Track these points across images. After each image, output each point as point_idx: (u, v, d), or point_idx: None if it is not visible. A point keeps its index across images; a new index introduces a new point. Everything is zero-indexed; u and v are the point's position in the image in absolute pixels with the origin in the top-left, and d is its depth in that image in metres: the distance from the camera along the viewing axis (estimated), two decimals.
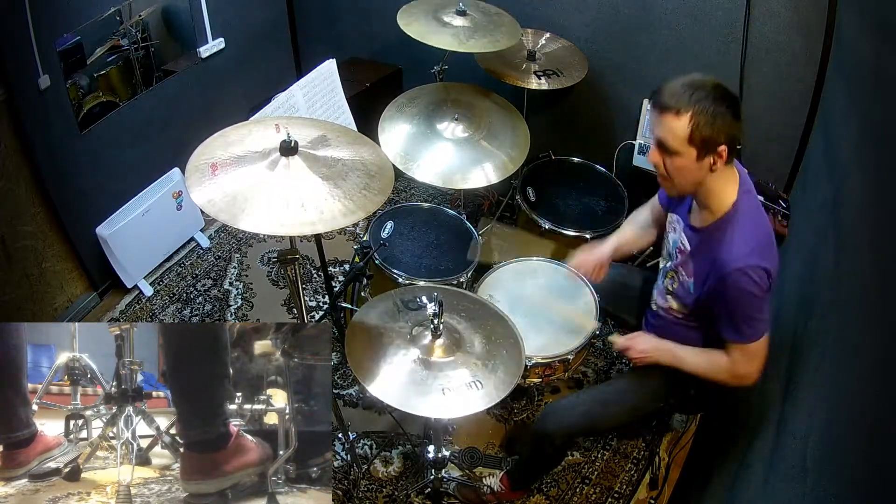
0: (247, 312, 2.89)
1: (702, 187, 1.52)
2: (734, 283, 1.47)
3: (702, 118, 1.38)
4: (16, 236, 2.42)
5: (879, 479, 1.00)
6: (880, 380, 1.11)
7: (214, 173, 1.39)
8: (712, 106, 1.38)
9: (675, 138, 1.42)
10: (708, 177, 1.49)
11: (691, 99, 1.38)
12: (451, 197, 3.33)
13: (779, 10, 2.34)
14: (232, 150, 1.47)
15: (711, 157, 1.44)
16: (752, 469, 1.64)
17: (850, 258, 1.50)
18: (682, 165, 1.45)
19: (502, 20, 2.49)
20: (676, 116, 1.40)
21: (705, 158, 1.44)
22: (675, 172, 1.49)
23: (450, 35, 2.30)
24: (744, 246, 1.48)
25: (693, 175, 1.48)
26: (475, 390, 1.46)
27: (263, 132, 1.53)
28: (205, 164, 1.41)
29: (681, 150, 1.43)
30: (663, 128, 1.43)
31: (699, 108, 1.38)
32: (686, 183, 1.51)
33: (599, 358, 2.69)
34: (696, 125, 1.38)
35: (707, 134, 1.39)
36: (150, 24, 2.67)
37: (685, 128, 1.39)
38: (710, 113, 1.38)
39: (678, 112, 1.39)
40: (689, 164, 1.45)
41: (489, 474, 2.21)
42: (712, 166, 1.45)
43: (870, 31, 1.69)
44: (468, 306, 1.71)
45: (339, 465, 2.28)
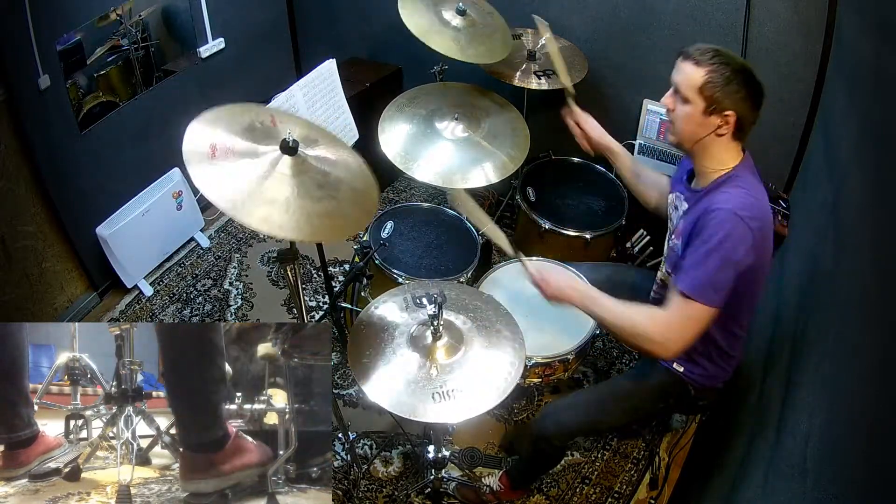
0: (247, 312, 2.89)
1: (700, 146, 1.56)
2: (716, 221, 1.46)
3: (716, 76, 1.45)
4: (16, 236, 2.42)
5: (879, 479, 1.00)
6: (880, 380, 1.11)
7: (214, 155, 1.35)
8: (729, 72, 1.45)
9: (689, 86, 1.49)
10: (711, 139, 1.53)
11: (713, 58, 1.47)
12: (451, 197, 3.33)
13: (779, 10, 2.34)
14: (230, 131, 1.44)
15: (718, 118, 1.49)
16: (752, 469, 1.63)
17: (850, 258, 1.50)
18: (689, 114, 1.52)
19: (497, 24, 2.48)
20: (695, 65, 1.48)
21: (711, 116, 1.49)
22: (682, 119, 1.54)
23: (450, 39, 2.30)
24: (739, 199, 1.48)
25: (696, 129, 1.53)
26: (472, 394, 1.45)
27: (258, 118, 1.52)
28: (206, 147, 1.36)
29: (691, 97, 1.50)
30: (681, 73, 1.52)
31: (717, 67, 1.46)
32: (687, 133, 1.55)
33: (599, 358, 2.69)
34: (709, 80, 1.46)
35: (717, 93, 1.46)
36: (150, 24, 2.67)
37: (699, 78, 1.47)
38: (724, 76, 1.45)
39: (697, 63, 1.48)
40: (696, 115, 1.51)
41: (489, 474, 2.21)
42: (718, 129, 1.50)
43: (870, 31, 1.69)
44: (478, 305, 1.69)
45: (339, 465, 2.28)
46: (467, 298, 1.70)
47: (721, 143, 1.54)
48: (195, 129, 1.38)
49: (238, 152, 1.39)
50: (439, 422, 1.45)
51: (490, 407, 1.44)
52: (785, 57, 2.39)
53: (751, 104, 1.48)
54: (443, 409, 1.42)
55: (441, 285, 1.71)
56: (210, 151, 1.35)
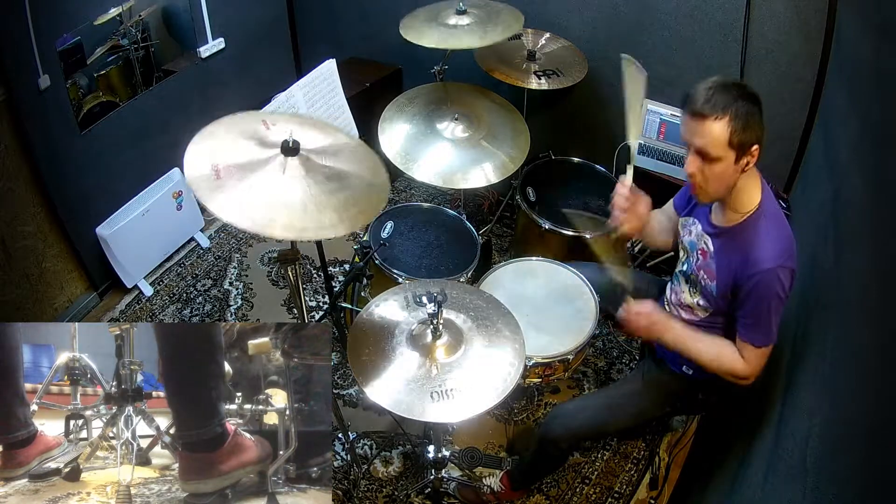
0: (247, 312, 2.89)
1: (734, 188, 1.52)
2: (765, 282, 1.47)
3: (738, 121, 1.39)
4: (16, 236, 2.42)
5: (879, 479, 1.00)
6: (880, 380, 1.11)
7: (219, 176, 1.33)
8: (745, 106, 1.40)
9: (717, 144, 1.41)
10: (741, 177, 1.49)
11: (726, 102, 1.39)
12: (451, 197, 3.34)
13: (779, 10, 2.34)
14: (230, 148, 1.43)
15: (746, 158, 1.45)
16: (752, 469, 1.63)
17: (850, 258, 1.50)
18: (721, 171, 1.45)
19: (500, 9, 2.48)
20: (715, 121, 1.40)
21: (741, 160, 1.44)
22: (714, 179, 1.47)
23: (464, 35, 2.30)
24: (776, 246, 1.48)
25: (730, 179, 1.48)
26: (470, 394, 1.45)
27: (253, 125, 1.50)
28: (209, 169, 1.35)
29: (721, 154, 1.42)
30: (703, 135, 1.42)
31: (734, 110, 1.39)
32: (722, 188, 1.50)
33: (599, 358, 2.69)
34: (734, 129, 1.39)
35: (743, 135, 1.40)
36: (150, 24, 2.67)
37: (725, 132, 1.40)
38: (744, 114, 1.39)
39: (717, 118, 1.40)
40: (728, 169, 1.45)
41: (489, 474, 2.21)
42: (745, 167, 1.46)
43: (870, 31, 1.69)
44: (479, 304, 1.68)
45: (339, 465, 2.28)
46: (468, 297, 1.70)
47: (747, 177, 1.50)
48: (192, 154, 1.36)
49: (241, 166, 1.36)
50: (437, 421, 1.45)
51: (489, 407, 1.43)
52: (785, 57, 2.39)
53: (762, 123, 1.44)
54: (441, 409, 1.42)
55: (442, 284, 1.70)
56: (213, 174, 1.32)
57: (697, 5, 2.49)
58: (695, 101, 1.42)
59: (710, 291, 1.63)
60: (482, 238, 2.41)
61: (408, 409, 1.41)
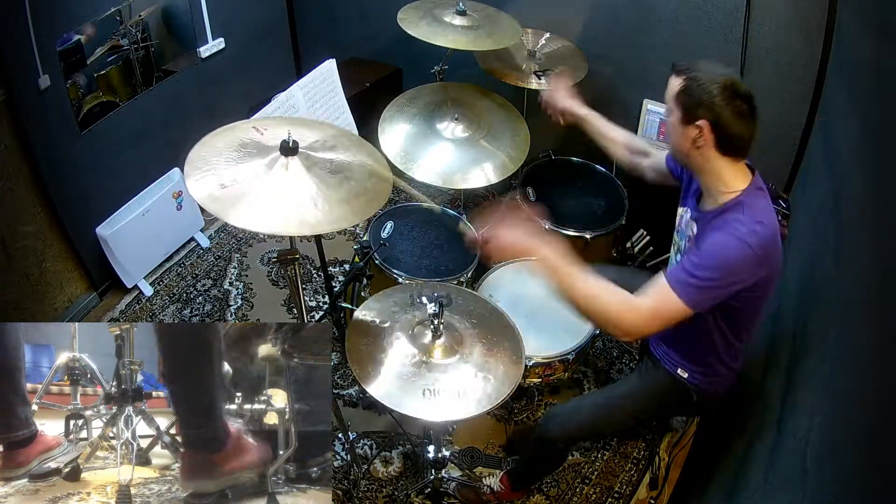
0: (247, 312, 2.89)
1: (694, 163, 1.56)
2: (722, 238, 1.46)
3: (692, 84, 1.48)
4: (16, 236, 2.42)
5: (879, 479, 1.00)
6: (880, 380, 1.11)
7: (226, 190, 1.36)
8: (707, 82, 1.46)
9: (669, 96, 1.54)
10: (696, 152, 1.52)
11: (693, 70, 1.49)
12: (451, 197, 3.34)
13: (779, 10, 2.34)
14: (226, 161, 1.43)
15: (693, 128, 1.48)
16: (752, 469, 1.63)
17: (850, 258, 1.50)
18: (671, 123, 1.56)
19: (501, 18, 2.49)
20: (676, 76, 1.52)
21: (688, 126, 1.50)
22: (670, 131, 1.59)
23: (457, 35, 2.30)
24: (748, 226, 1.46)
25: (677, 139, 1.55)
26: (460, 398, 1.46)
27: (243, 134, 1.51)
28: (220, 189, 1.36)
29: (671, 107, 1.54)
30: (668, 86, 1.55)
31: (694, 75, 1.48)
32: (673, 144, 1.60)
33: (599, 358, 2.69)
34: (684, 88, 1.49)
35: (690, 102, 1.48)
36: (150, 24, 2.67)
37: (676, 86, 1.51)
38: (699, 83, 1.47)
39: (678, 73, 1.52)
40: (676, 126, 1.54)
41: (489, 474, 2.21)
42: (696, 140, 1.49)
43: (870, 31, 1.69)
44: (481, 313, 1.70)
45: (339, 465, 2.28)
46: (474, 307, 1.72)
47: (711, 159, 1.51)
48: (193, 179, 1.37)
49: (247, 176, 1.39)
50: (426, 419, 1.46)
51: (474, 414, 1.45)
52: (785, 57, 2.39)
53: (734, 116, 1.44)
54: (433, 407, 1.44)
55: (450, 288, 1.71)
56: (224, 190, 1.35)
57: (697, 5, 2.49)
58: (681, 61, 1.55)
59: None
60: None
61: (395, 402, 1.44)
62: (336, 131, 1.64)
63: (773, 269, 1.52)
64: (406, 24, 2.30)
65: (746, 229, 1.45)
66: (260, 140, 1.48)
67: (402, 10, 2.37)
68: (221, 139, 1.48)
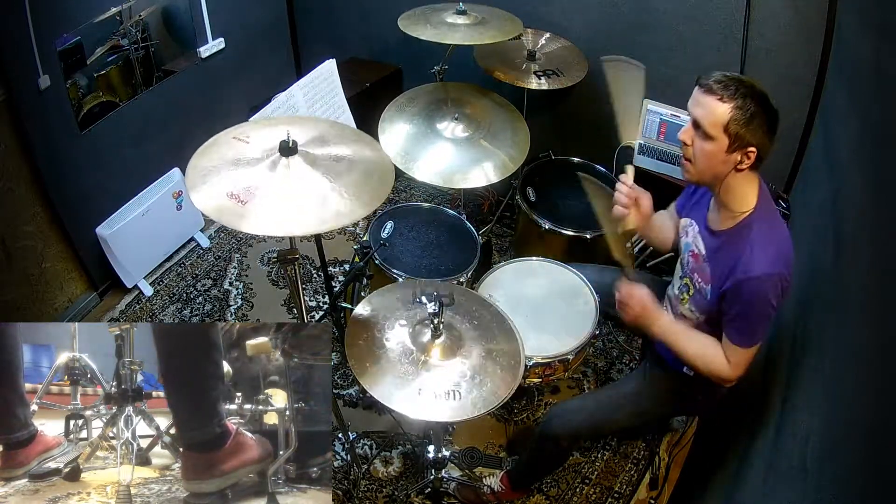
0: (247, 312, 2.89)
1: (722, 184, 1.52)
2: (755, 288, 1.47)
3: (742, 113, 1.40)
4: (16, 236, 2.42)
5: (879, 479, 1.00)
6: (880, 380, 1.11)
7: (242, 201, 1.36)
8: (753, 106, 1.40)
9: (713, 122, 1.43)
10: (731, 175, 1.49)
11: (737, 92, 1.41)
12: (451, 197, 3.34)
13: (779, 11, 2.34)
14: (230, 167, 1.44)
15: (740, 154, 1.45)
16: (752, 469, 1.64)
17: (850, 258, 1.50)
18: (710, 151, 1.47)
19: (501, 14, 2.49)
20: (720, 101, 1.42)
21: (734, 153, 1.45)
22: (702, 156, 1.49)
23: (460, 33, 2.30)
24: (768, 251, 1.48)
25: (717, 166, 1.48)
26: (453, 400, 1.46)
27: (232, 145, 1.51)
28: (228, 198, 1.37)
29: (715, 135, 1.44)
30: (704, 107, 1.45)
31: (742, 102, 1.40)
32: (707, 171, 1.51)
33: (599, 358, 2.69)
34: (734, 117, 1.41)
35: (742, 130, 1.41)
36: (150, 24, 2.67)
37: (726, 115, 1.41)
38: (749, 111, 1.40)
39: (722, 98, 1.42)
40: (718, 153, 1.46)
41: (489, 474, 2.21)
42: (738, 165, 1.46)
43: (870, 31, 1.69)
44: (482, 313, 1.70)
45: (339, 465, 2.28)
46: (474, 306, 1.71)
47: (741, 178, 1.50)
48: (198, 192, 1.37)
49: (256, 181, 1.40)
50: (417, 417, 1.46)
51: (473, 415, 1.45)
52: (785, 57, 2.39)
53: (770, 135, 1.44)
54: (429, 407, 1.44)
55: (451, 288, 1.71)
56: (235, 201, 1.35)
57: (697, 5, 2.49)
58: (710, 77, 1.45)
59: (704, 296, 1.62)
60: (482, 238, 2.41)
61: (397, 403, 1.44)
62: (326, 125, 1.65)
63: (792, 271, 1.54)
64: (407, 28, 2.29)
65: (766, 260, 1.46)
66: (247, 148, 1.48)
67: (402, 17, 2.37)
68: (212, 156, 1.47)
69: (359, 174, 1.49)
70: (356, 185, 1.45)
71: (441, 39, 2.26)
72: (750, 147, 1.43)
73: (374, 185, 1.48)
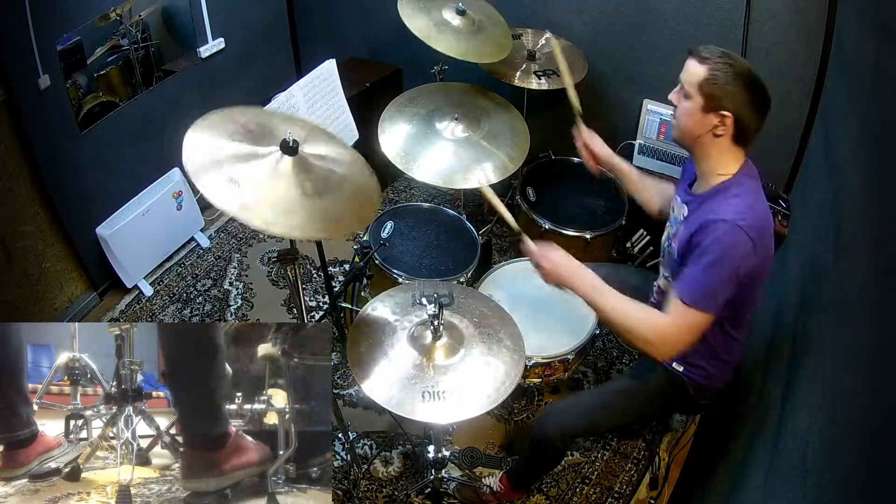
0: (247, 312, 2.89)
1: (701, 146, 1.56)
2: (715, 230, 1.46)
3: (718, 74, 1.46)
4: (16, 236, 2.42)
5: (879, 479, 1.00)
6: (880, 380, 1.11)
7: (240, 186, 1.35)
8: (732, 73, 1.45)
9: (690, 81, 1.51)
10: (710, 139, 1.53)
11: (719, 59, 1.47)
12: (451, 197, 3.34)
13: (779, 10, 2.34)
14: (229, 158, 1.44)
15: (715, 117, 1.49)
16: (752, 469, 1.63)
17: (850, 258, 1.50)
18: (688, 109, 1.53)
19: (497, 24, 2.49)
20: (699, 62, 1.49)
21: (709, 114, 1.49)
22: (682, 114, 1.55)
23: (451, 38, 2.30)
24: (738, 206, 1.48)
25: (694, 124, 1.53)
26: (453, 400, 1.45)
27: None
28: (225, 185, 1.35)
29: (691, 93, 1.51)
30: (686, 69, 1.53)
31: (720, 66, 1.46)
32: (686, 129, 1.56)
33: (599, 358, 2.69)
34: (709, 77, 1.47)
35: (716, 92, 1.47)
36: (150, 24, 2.67)
37: (701, 74, 1.48)
38: (726, 74, 1.46)
39: (702, 60, 1.49)
40: (695, 112, 1.51)
41: (489, 474, 2.21)
42: (715, 129, 1.50)
43: (870, 31, 1.69)
44: (482, 312, 1.69)
45: (339, 465, 2.28)
46: (475, 304, 1.71)
47: (720, 146, 1.53)
48: (205, 181, 1.34)
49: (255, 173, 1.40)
50: (426, 421, 1.45)
51: (476, 414, 1.44)
52: (785, 57, 2.39)
53: (752, 109, 1.47)
54: (431, 409, 1.43)
55: (452, 287, 1.70)
56: (236, 186, 1.34)
57: (697, 5, 2.49)
58: (699, 46, 1.52)
59: (674, 255, 1.63)
60: (482, 238, 2.41)
61: (398, 406, 1.43)
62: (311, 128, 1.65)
63: (766, 257, 1.53)
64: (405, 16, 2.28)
65: (736, 213, 1.47)
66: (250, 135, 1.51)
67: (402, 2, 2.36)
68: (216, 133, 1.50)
69: (349, 189, 1.49)
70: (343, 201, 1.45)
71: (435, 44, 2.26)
72: (724, 111, 1.47)
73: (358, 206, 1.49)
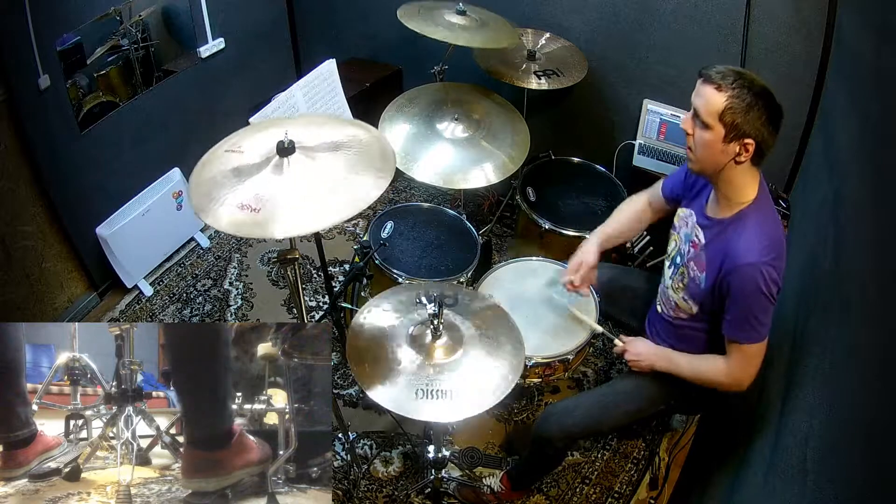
0: (247, 312, 2.89)
1: (723, 175, 1.53)
2: (747, 277, 1.48)
3: (737, 102, 1.42)
4: (16, 236, 2.42)
5: (879, 479, 1.00)
6: (880, 380, 1.11)
7: (256, 209, 1.32)
8: (750, 98, 1.42)
9: (709, 112, 1.46)
10: (731, 167, 1.51)
11: (735, 83, 1.43)
12: (451, 197, 3.34)
13: (779, 11, 2.34)
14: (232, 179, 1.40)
15: (738, 145, 1.46)
16: (752, 469, 1.63)
17: (850, 258, 1.51)
18: (708, 141, 1.48)
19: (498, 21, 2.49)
20: (716, 91, 1.44)
21: (731, 143, 1.46)
22: (701, 146, 1.51)
23: (454, 31, 2.30)
24: (761, 242, 1.49)
25: (716, 155, 1.50)
26: (454, 399, 1.45)
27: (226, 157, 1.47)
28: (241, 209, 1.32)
29: (711, 124, 1.46)
30: (701, 97, 1.48)
31: (738, 93, 1.42)
32: (707, 161, 1.53)
33: (599, 358, 2.69)
34: (729, 106, 1.43)
35: (738, 120, 1.43)
36: (150, 24, 2.67)
37: (720, 104, 1.43)
38: (746, 102, 1.42)
39: (719, 87, 1.44)
40: (715, 143, 1.47)
41: (489, 474, 2.21)
42: (737, 157, 1.48)
43: (870, 31, 1.69)
44: (483, 312, 1.69)
45: (339, 465, 2.28)
46: (476, 306, 1.71)
47: (742, 171, 1.51)
48: (209, 213, 1.32)
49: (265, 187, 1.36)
50: (426, 420, 1.46)
51: (476, 413, 1.44)
52: (785, 57, 2.39)
53: (771, 129, 1.45)
54: (431, 408, 1.43)
55: (452, 288, 1.70)
56: (248, 209, 1.31)
57: (697, 5, 2.49)
58: (710, 68, 1.48)
59: (699, 283, 1.63)
60: (482, 238, 2.41)
61: (398, 406, 1.43)
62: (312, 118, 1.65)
63: (784, 267, 1.55)
64: (405, 19, 2.29)
65: (760, 249, 1.48)
66: (242, 157, 1.44)
67: (402, 8, 2.37)
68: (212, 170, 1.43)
69: (360, 153, 1.47)
70: (363, 162, 1.43)
71: (436, 35, 2.25)
72: (747, 138, 1.44)
73: (377, 159, 1.46)
